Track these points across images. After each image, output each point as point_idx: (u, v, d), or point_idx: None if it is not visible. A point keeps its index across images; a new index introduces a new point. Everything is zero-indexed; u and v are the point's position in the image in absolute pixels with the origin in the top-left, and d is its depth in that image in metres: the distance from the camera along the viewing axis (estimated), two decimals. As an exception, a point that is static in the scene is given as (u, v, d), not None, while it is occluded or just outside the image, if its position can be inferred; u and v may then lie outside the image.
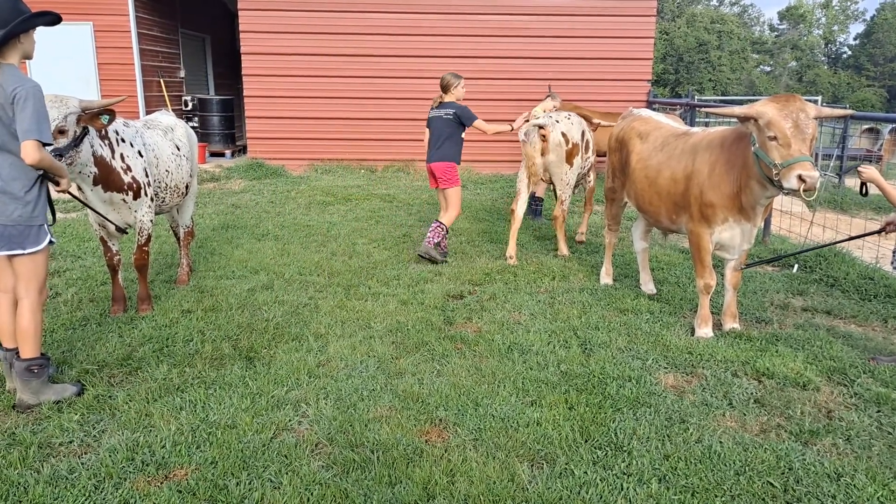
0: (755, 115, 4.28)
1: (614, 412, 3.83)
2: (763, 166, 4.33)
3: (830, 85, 59.71)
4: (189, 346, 4.69)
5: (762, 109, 4.26)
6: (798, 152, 4.12)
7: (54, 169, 3.92)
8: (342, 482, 3.16)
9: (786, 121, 4.16)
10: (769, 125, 4.20)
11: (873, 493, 3.10)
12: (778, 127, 4.16)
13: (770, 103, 4.28)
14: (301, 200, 10.42)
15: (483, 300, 5.79)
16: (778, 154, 4.18)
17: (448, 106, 6.98)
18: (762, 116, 4.24)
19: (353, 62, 13.43)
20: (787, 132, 4.14)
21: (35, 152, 3.62)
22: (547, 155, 7.07)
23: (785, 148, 4.15)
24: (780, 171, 4.16)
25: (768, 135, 4.21)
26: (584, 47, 13.54)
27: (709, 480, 3.20)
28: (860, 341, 4.98)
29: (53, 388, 3.92)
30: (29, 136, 3.58)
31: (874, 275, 6.30)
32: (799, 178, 4.08)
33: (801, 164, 4.09)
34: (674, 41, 56.79)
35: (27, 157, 3.62)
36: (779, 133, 4.16)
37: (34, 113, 3.58)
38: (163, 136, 5.72)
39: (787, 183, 4.13)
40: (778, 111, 4.20)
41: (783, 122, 4.16)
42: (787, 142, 4.14)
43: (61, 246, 7.35)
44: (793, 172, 4.10)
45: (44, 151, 3.71)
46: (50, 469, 3.24)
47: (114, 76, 13.58)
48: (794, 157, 4.11)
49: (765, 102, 4.32)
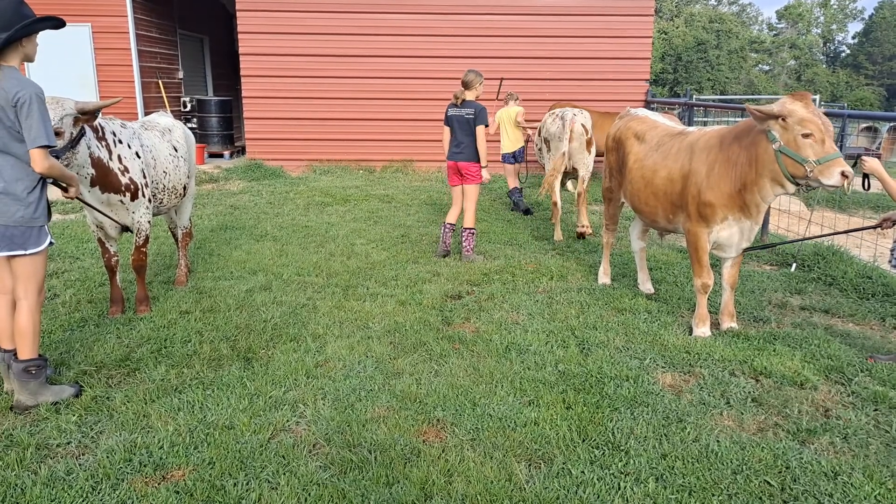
0: (786, 113, 4.30)
1: (612, 412, 3.83)
2: (789, 164, 4.34)
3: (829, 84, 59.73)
4: (187, 347, 4.69)
5: (791, 108, 4.29)
6: (832, 149, 4.19)
7: (64, 177, 3.93)
8: (340, 482, 3.17)
9: (816, 118, 4.21)
10: (802, 123, 4.23)
11: (870, 491, 3.11)
12: (813, 124, 4.21)
13: (796, 101, 4.31)
14: (300, 201, 10.43)
15: (481, 300, 5.79)
16: (813, 151, 4.21)
17: (469, 105, 7.14)
18: (793, 114, 4.27)
19: (352, 63, 13.44)
20: (821, 129, 4.18)
21: (44, 160, 3.64)
22: (572, 143, 8.04)
23: (820, 145, 4.20)
24: (816, 168, 4.18)
25: (802, 132, 4.23)
26: (582, 47, 13.56)
27: (706, 479, 3.20)
28: (858, 340, 4.98)
29: (51, 389, 3.92)
30: (37, 144, 3.59)
31: (872, 273, 6.31)
32: (842, 174, 4.13)
33: (838, 161, 4.16)
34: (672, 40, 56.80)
35: (36, 166, 3.64)
36: (814, 130, 4.20)
37: (40, 118, 3.59)
38: (160, 137, 5.72)
39: (829, 179, 4.17)
40: (805, 109, 4.24)
41: (816, 119, 4.20)
42: (822, 138, 4.20)
43: (59, 247, 7.35)
44: (835, 168, 4.15)
45: (52, 159, 3.73)
46: (47, 470, 3.25)
47: (112, 77, 13.58)
48: (829, 154, 4.17)
49: (791, 101, 4.34)
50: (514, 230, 8.56)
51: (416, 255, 7.24)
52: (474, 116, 7.07)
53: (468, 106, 7.13)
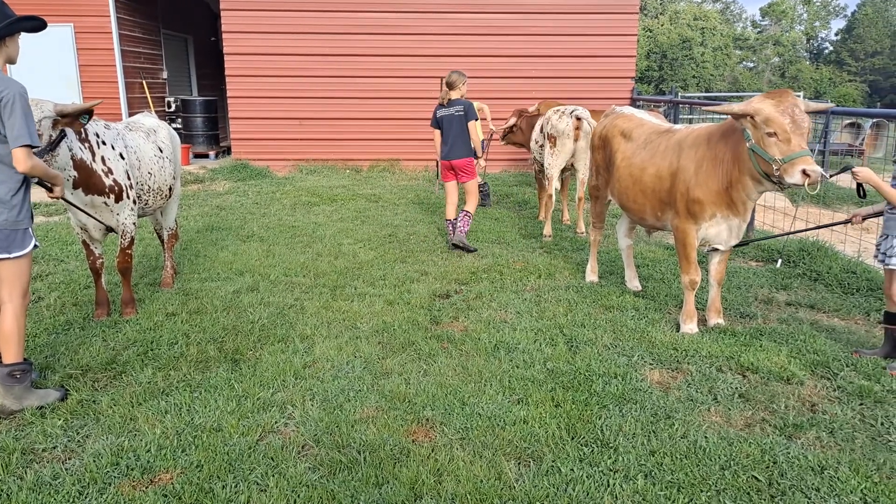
0: (752, 112, 4.31)
1: (600, 409, 3.84)
2: (761, 162, 4.36)
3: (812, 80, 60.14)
4: (174, 349, 4.67)
5: (759, 106, 4.29)
6: (798, 147, 4.17)
7: (48, 176, 3.90)
8: (329, 483, 3.16)
9: (784, 116, 4.21)
10: (767, 122, 4.24)
11: (857, 485, 3.13)
12: (777, 123, 4.20)
13: (766, 100, 4.32)
14: (286, 201, 10.39)
15: (469, 299, 5.79)
16: (778, 150, 4.22)
17: (457, 103, 7.40)
18: (759, 113, 4.28)
19: (337, 62, 13.41)
20: (786, 128, 4.19)
21: (27, 160, 3.60)
22: (579, 142, 8.07)
23: (785, 143, 4.20)
24: (782, 166, 4.19)
25: (767, 131, 4.24)
26: (568, 45, 13.59)
27: (694, 475, 3.21)
28: (843, 335, 5.02)
29: (36, 393, 3.89)
30: (19, 143, 3.55)
31: (856, 269, 6.36)
32: (803, 172, 4.12)
33: (802, 159, 4.14)
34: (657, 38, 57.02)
35: (19, 165, 3.61)
36: (778, 129, 4.20)
37: (23, 117, 3.56)
38: (145, 138, 5.68)
39: (791, 178, 4.17)
40: (775, 107, 4.24)
41: (781, 118, 4.20)
42: (787, 137, 4.19)
43: (44, 250, 7.28)
44: (796, 167, 4.14)
45: (35, 158, 3.69)
46: (33, 475, 3.21)
47: (95, 78, 13.48)
48: (795, 153, 4.16)
49: (760, 99, 4.35)
50: (502, 228, 8.57)
51: (404, 255, 7.24)
52: (464, 113, 7.32)
53: (455, 104, 7.36)
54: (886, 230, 4.44)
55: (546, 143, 8.40)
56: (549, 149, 8.29)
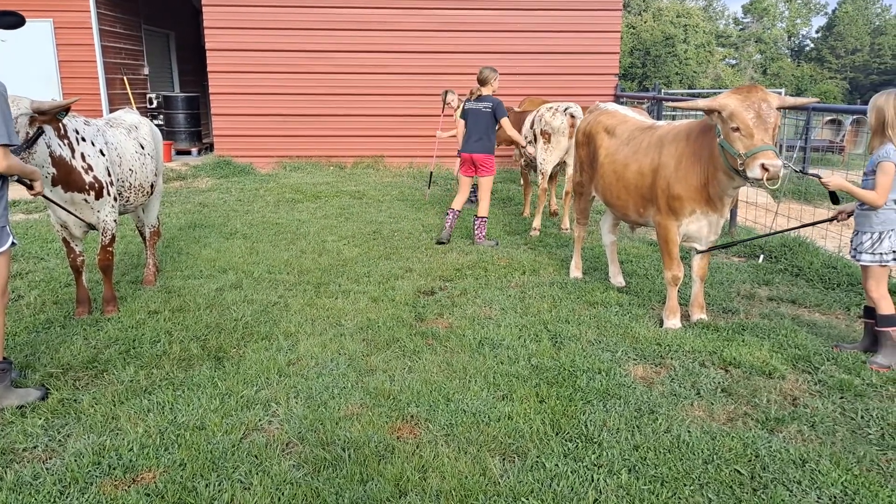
0: (718, 107, 4.35)
1: (585, 404, 3.86)
2: (729, 157, 4.39)
3: (794, 77, 60.63)
4: (156, 348, 4.63)
5: (724, 101, 4.33)
6: (761, 141, 4.19)
7: (26, 173, 3.86)
8: (313, 481, 3.14)
9: (748, 111, 4.23)
10: (731, 116, 4.27)
11: (837, 477, 3.16)
12: (740, 118, 4.23)
13: (732, 95, 4.35)
14: (269, 198, 10.34)
15: (454, 296, 5.79)
16: (741, 144, 4.25)
17: (486, 99, 7.56)
18: (724, 108, 4.31)
19: (321, 58, 13.35)
20: (748, 122, 4.21)
21: (3, 159, 3.56)
22: (573, 139, 7.78)
23: (748, 138, 4.22)
24: (745, 160, 4.22)
25: (731, 126, 4.28)
26: (551, 41, 13.61)
27: (678, 470, 3.23)
28: (824, 329, 5.07)
29: (16, 392, 3.84)
30: None
31: (837, 264, 6.42)
32: (762, 166, 4.14)
33: (763, 154, 4.16)
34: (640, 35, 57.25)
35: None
36: (741, 124, 4.23)
37: (0, 115, 3.51)
38: (126, 134, 5.62)
39: (751, 172, 4.20)
40: (740, 102, 4.27)
41: (745, 113, 4.23)
42: (750, 132, 4.21)
43: (23, 247, 7.20)
44: (756, 161, 4.17)
45: (13, 157, 3.65)
46: (13, 475, 3.18)
47: (75, 74, 13.33)
48: (756, 147, 4.18)
49: (727, 94, 4.38)
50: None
51: (389, 252, 7.22)
52: (492, 110, 7.49)
53: (485, 100, 7.57)
54: (858, 227, 4.48)
55: (539, 140, 8.41)
56: (543, 145, 8.34)
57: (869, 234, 4.38)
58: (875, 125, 4.28)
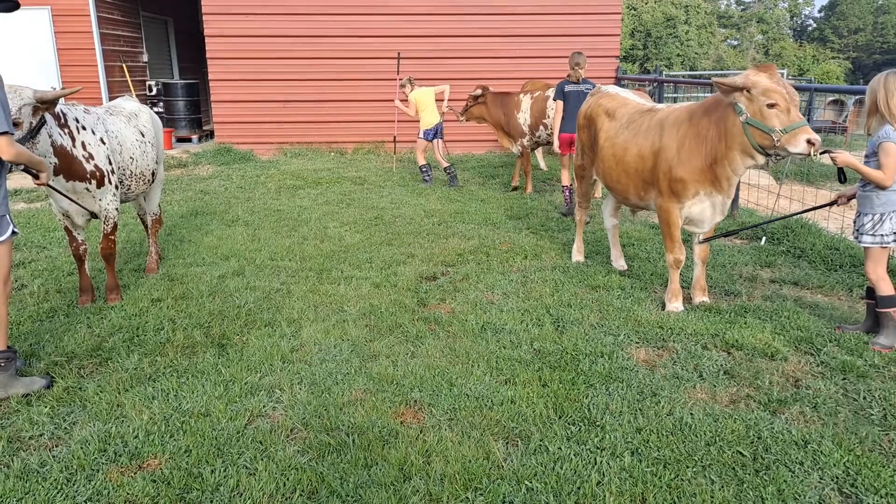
0: (750, 84, 4.34)
1: (587, 388, 3.87)
2: (757, 135, 4.37)
3: (796, 58, 60.28)
4: (160, 335, 4.64)
5: (755, 79, 4.34)
6: (797, 117, 4.24)
7: (32, 163, 3.86)
8: (318, 466, 3.16)
9: (781, 87, 4.25)
10: (767, 93, 4.27)
11: (839, 458, 3.17)
12: (778, 94, 4.26)
13: (760, 73, 4.35)
14: (271, 185, 10.33)
15: (456, 281, 5.80)
16: (779, 121, 4.25)
17: (587, 82, 8.12)
18: (757, 86, 4.31)
19: (320, 43, 13.28)
20: (786, 98, 4.23)
21: (9, 147, 3.57)
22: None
23: (785, 114, 4.24)
24: (783, 137, 4.23)
25: (767, 103, 4.27)
26: (552, 24, 13.52)
27: (680, 452, 3.25)
28: (826, 311, 5.07)
29: (21, 381, 3.86)
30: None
31: (839, 245, 6.41)
32: (808, 141, 4.18)
33: (804, 129, 4.21)
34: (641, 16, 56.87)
35: (4, 154, 3.57)
36: (779, 100, 4.25)
37: (0, 106, 3.50)
38: (126, 122, 5.61)
39: (796, 147, 4.22)
40: (770, 79, 4.29)
41: (780, 89, 4.24)
42: (787, 107, 4.25)
43: (26, 236, 7.21)
44: (801, 136, 4.20)
45: (18, 146, 3.65)
46: (20, 463, 3.20)
47: (74, 61, 13.29)
48: (795, 123, 4.22)
49: (754, 72, 4.39)
50: (489, 210, 8.56)
51: (390, 237, 7.22)
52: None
53: (586, 83, 8.10)
54: (860, 208, 4.48)
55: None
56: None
57: (870, 215, 4.37)
58: (870, 106, 4.30)
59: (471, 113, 10.14)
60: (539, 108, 9.38)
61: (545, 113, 9.28)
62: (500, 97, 9.89)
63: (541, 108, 9.34)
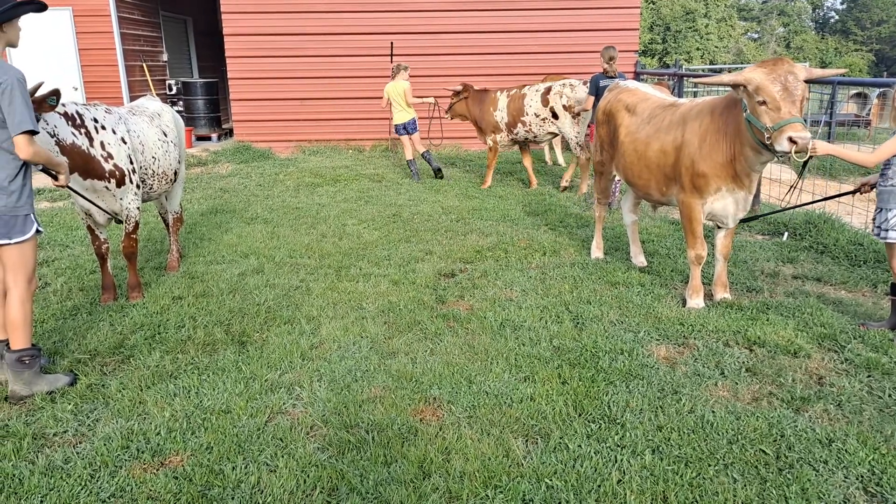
0: (744, 81, 4.28)
1: (607, 385, 3.85)
2: (756, 131, 4.33)
3: (818, 50, 59.49)
4: (181, 333, 4.68)
5: (750, 75, 4.26)
6: (788, 114, 4.12)
7: (51, 163, 3.89)
8: (338, 463, 3.17)
9: (774, 84, 4.16)
10: (758, 90, 4.20)
11: (865, 457, 3.13)
12: (766, 91, 4.17)
13: (758, 69, 4.28)
14: (289, 183, 10.37)
15: (474, 278, 5.79)
16: (768, 118, 4.18)
17: (622, 76, 8.04)
18: (750, 82, 4.25)
19: (338, 41, 13.30)
20: (775, 95, 4.15)
21: (28, 146, 3.60)
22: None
23: (775, 111, 4.16)
24: (772, 134, 4.16)
25: (758, 100, 4.21)
26: (570, 19, 13.45)
27: (702, 450, 3.22)
28: (850, 307, 5.00)
29: (46, 378, 3.91)
30: (21, 129, 3.55)
31: (863, 241, 6.33)
32: (790, 139, 4.08)
33: (791, 126, 4.09)
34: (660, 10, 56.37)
35: (21, 153, 3.61)
36: (767, 97, 4.17)
37: (23, 104, 3.55)
38: (149, 122, 5.65)
39: (779, 145, 4.13)
40: (766, 75, 4.21)
41: (771, 86, 4.17)
42: (777, 105, 4.14)
43: (49, 235, 7.29)
44: (783, 135, 4.10)
45: (37, 145, 3.69)
46: (45, 460, 3.24)
47: (95, 61, 13.41)
48: (784, 120, 4.12)
49: (753, 68, 4.32)
50: (507, 206, 8.54)
51: (409, 234, 7.22)
52: None
53: (622, 76, 7.96)
54: (881, 203, 4.41)
55: (565, 115, 9.17)
56: (573, 119, 9.11)
57: (893, 210, 4.30)
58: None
59: (454, 110, 10.30)
60: (516, 106, 9.56)
61: (523, 111, 9.45)
62: (479, 94, 10.08)
63: (518, 107, 9.54)
